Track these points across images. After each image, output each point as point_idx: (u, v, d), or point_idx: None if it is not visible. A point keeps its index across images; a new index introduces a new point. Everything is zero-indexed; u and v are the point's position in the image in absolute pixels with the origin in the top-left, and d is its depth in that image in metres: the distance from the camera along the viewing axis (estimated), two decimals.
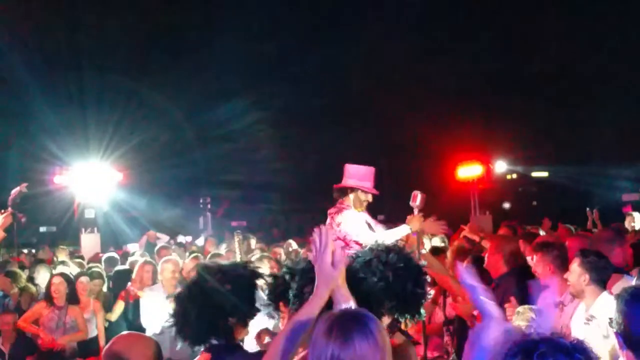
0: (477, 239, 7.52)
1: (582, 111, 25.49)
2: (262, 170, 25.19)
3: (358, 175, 6.30)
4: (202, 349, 3.28)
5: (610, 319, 2.84)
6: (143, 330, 7.61)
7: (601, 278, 4.67)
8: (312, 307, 2.63)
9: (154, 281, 8.00)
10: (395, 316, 3.06)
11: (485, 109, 25.40)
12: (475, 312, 5.83)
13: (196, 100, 23.81)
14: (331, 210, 6.25)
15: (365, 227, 6.17)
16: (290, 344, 2.58)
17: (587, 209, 11.03)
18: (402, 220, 6.36)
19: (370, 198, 6.33)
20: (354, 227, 6.04)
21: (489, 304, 3.10)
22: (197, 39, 23.36)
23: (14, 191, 7.13)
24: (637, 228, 9.73)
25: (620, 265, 5.41)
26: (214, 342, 3.24)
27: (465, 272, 3.27)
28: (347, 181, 6.29)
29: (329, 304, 2.66)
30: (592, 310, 4.61)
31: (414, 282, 3.04)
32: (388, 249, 3.09)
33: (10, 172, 17.41)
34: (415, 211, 6.39)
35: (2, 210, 7.04)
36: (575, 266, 4.69)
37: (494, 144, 23.51)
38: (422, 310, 3.08)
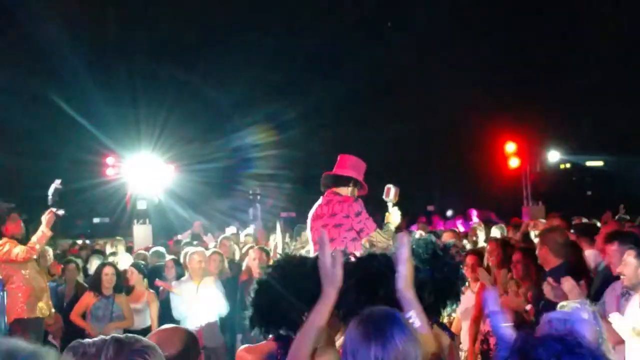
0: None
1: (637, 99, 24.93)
2: (310, 162, 25.24)
3: (358, 169, 6.00)
4: (271, 337, 3.32)
5: None
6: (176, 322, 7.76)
7: None
8: (322, 308, 2.69)
9: (221, 269, 8.20)
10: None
11: (539, 98, 25.03)
12: (527, 307, 5.77)
13: (245, 94, 24.00)
14: (336, 198, 5.86)
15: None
16: (305, 346, 2.67)
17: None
18: (454, 210, 6.23)
19: (362, 193, 6.03)
20: (371, 222, 5.75)
21: (508, 331, 3.17)
22: (247, 35, 23.52)
23: (51, 189, 7.40)
24: None
25: None
26: (283, 332, 3.27)
27: (489, 298, 3.31)
28: (347, 172, 5.95)
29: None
30: None
31: (450, 274, 3.07)
32: (426, 243, 3.12)
33: (65, 164, 17.76)
34: (390, 205, 6.04)
35: (45, 211, 7.41)
36: (630, 258, 4.60)
37: (547, 133, 23.16)
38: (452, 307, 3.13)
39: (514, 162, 19.87)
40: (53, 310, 7.93)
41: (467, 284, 6.58)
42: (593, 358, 1.87)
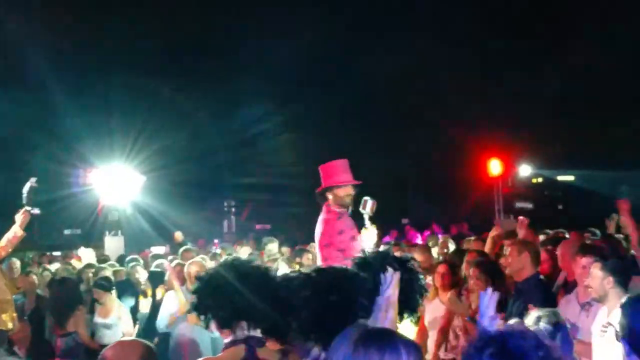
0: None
1: (609, 114, 25.24)
2: (285, 173, 25.26)
3: (331, 172, 5.97)
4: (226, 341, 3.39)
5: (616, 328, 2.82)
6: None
7: (624, 280, 4.65)
8: None
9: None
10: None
11: (510, 114, 25.28)
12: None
13: (219, 105, 23.93)
14: (323, 216, 5.93)
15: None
16: None
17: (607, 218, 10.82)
18: (429, 222, 6.30)
19: (350, 190, 5.97)
20: (354, 244, 5.75)
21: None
22: (221, 45, 23.49)
23: (25, 187, 7.15)
24: None
25: None
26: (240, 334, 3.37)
27: (489, 300, 3.30)
28: (324, 183, 5.99)
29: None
30: (612, 315, 4.54)
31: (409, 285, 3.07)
32: (386, 254, 3.14)
33: (36, 174, 17.54)
34: (366, 217, 6.04)
35: (19, 210, 7.04)
36: (596, 270, 4.65)
37: (519, 148, 23.37)
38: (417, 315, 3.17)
39: (487, 176, 20.06)
40: (17, 321, 7.78)
41: (428, 294, 6.75)
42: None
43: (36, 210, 7.12)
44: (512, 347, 1.85)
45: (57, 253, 17.20)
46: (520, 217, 7.97)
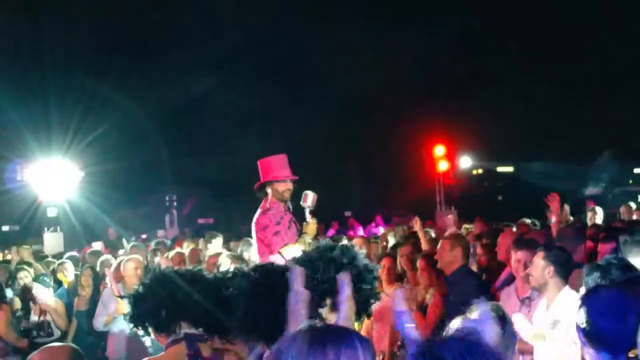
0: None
1: (547, 106, 25.84)
2: (227, 168, 25.15)
3: (270, 167, 6.00)
4: (168, 341, 3.39)
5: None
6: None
7: (564, 271, 4.70)
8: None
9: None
10: None
11: (449, 105, 25.62)
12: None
13: (161, 97, 23.63)
14: (257, 212, 5.97)
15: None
16: None
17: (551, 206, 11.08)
18: (371, 215, 6.35)
19: (290, 186, 6.00)
20: (277, 238, 5.80)
21: (413, 330, 3.25)
22: (161, 34, 23.24)
23: None
24: (599, 222, 9.82)
25: (583, 262, 5.45)
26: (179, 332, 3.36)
27: (398, 298, 3.39)
28: (261, 177, 6.02)
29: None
30: (553, 308, 4.64)
31: (358, 278, 2.98)
32: (332, 247, 3.05)
33: None
34: (307, 212, 6.00)
35: None
36: (538, 260, 4.70)
37: (459, 140, 23.72)
38: (370, 310, 3.04)
39: (443, 165, 20.33)
40: None
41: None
42: (493, 358, 1.87)
43: None
44: (435, 356, 1.86)
45: None
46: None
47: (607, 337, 2.63)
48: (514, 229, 8.63)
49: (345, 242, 4.19)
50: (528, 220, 10.08)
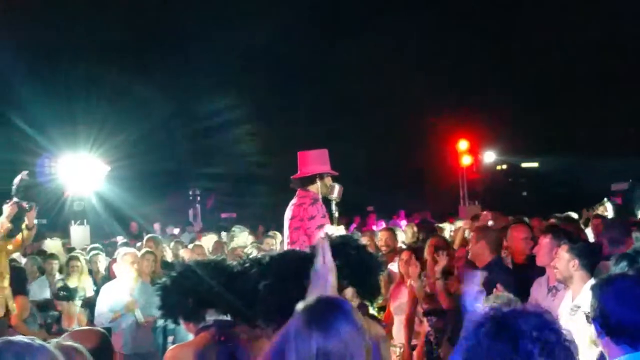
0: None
1: (572, 101, 25.60)
2: (250, 162, 25.20)
3: (320, 160, 6.03)
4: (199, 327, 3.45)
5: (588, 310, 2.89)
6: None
7: (590, 264, 4.76)
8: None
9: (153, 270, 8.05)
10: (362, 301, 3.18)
11: (475, 100, 25.45)
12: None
13: (183, 94, 23.77)
14: (298, 200, 5.96)
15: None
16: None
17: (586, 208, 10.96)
18: (394, 210, 6.38)
19: (331, 181, 6.10)
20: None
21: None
22: (183, 35, 23.36)
23: (16, 180, 6.99)
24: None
25: None
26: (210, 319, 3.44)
27: (472, 277, 3.41)
28: (309, 168, 6.00)
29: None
30: (578, 299, 4.66)
31: (368, 266, 3.12)
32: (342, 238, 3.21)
33: None
34: (333, 204, 6.12)
35: (7, 200, 6.91)
36: (563, 252, 4.77)
37: (483, 135, 23.60)
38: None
39: (466, 160, 20.29)
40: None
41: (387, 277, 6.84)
42: (564, 340, 1.90)
43: (25, 204, 6.97)
44: (509, 325, 1.89)
45: None
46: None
47: (626, 327, 2.64)
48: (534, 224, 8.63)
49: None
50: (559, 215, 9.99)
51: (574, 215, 10.05)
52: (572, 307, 4.66)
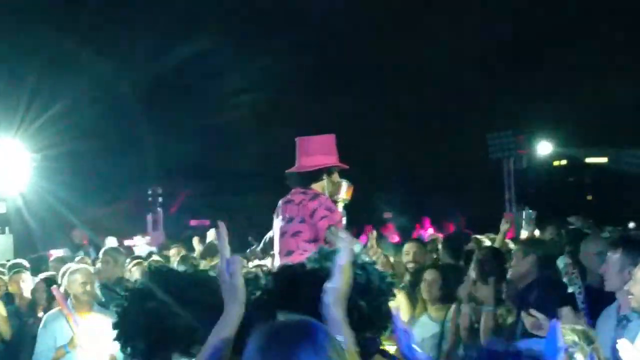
0: None
1: None
2: (233, 155, 25.30)
3: (327, 149, 5.99)
4: None
5: None
6: None
7: None
8: (222, 328, 2.70)
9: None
10: (368, 334, 3.16)
11: (521, 78, 25.75)
12: None
13: (144, 61, 23.76)
14: (296, 198, 5.91)
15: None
16: None
17: None
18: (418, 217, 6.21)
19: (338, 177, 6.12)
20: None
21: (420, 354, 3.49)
22: None
23: None
24: None
25: None
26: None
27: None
28: (313, 160, 5.94)
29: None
30: None
31: (372, 293, 3.15)
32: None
33: None
34: (340, 205, 6.18)
35: None
36: None
37: (534, 122, 23.64)
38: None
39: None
40: None
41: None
42: None
43: None
44: None
45: None
46: None
47: None
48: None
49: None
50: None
51: None
52: None
